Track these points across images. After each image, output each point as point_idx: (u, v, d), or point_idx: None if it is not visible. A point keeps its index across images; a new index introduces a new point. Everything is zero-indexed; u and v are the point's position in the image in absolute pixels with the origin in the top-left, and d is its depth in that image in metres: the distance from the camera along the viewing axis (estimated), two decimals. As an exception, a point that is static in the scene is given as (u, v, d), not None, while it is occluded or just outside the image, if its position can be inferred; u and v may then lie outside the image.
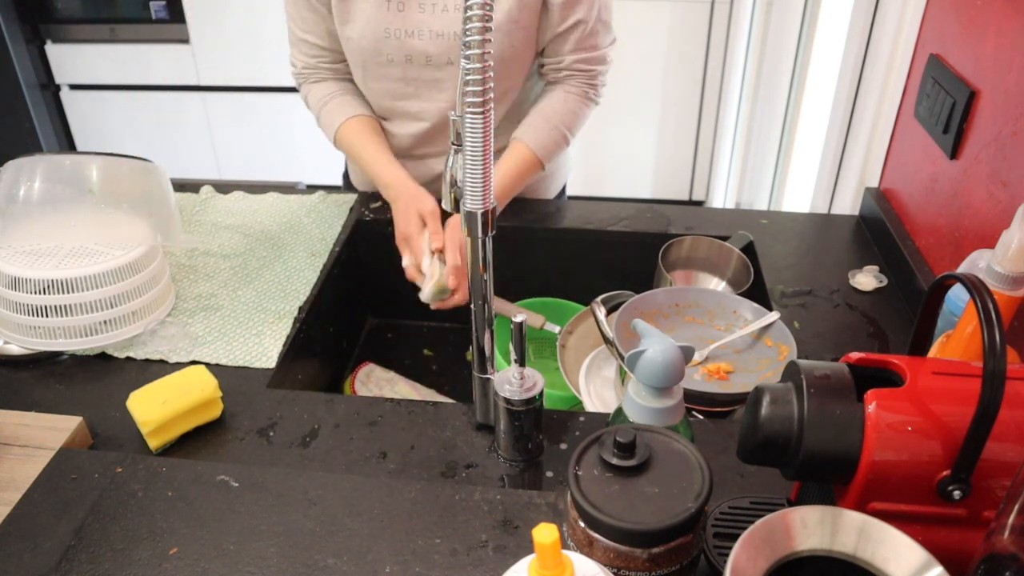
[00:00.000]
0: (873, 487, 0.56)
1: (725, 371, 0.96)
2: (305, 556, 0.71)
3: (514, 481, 0.83)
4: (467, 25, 0.65)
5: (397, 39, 1.15)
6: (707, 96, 2.84)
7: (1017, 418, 0.54)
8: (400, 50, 1.16)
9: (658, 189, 3.07)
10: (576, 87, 1.24)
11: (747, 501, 0.73)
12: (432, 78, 1.19)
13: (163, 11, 2.79)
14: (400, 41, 1.15)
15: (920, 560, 0.50)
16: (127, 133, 3.07)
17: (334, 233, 1.28)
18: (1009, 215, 0.79)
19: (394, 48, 1.16)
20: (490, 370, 0.85)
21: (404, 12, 1.14)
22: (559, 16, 1.16)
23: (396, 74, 1.20)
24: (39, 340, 0.99)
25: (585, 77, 1.23)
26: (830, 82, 1.56)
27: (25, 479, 0.79)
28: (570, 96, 1.24)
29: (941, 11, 1.10)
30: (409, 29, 1.14)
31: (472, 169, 0.70)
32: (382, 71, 1.20)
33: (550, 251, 1.32)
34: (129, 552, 0.72)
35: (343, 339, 1.31)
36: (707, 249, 1.23)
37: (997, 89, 0.94)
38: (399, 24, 1.14)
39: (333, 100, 1.26)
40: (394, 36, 1.15)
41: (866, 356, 0.61)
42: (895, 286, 1.14)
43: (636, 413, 0.66)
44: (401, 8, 1.13)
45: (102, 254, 1.00)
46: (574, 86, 1.24)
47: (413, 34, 1.14)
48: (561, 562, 0.48)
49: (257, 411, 0.92)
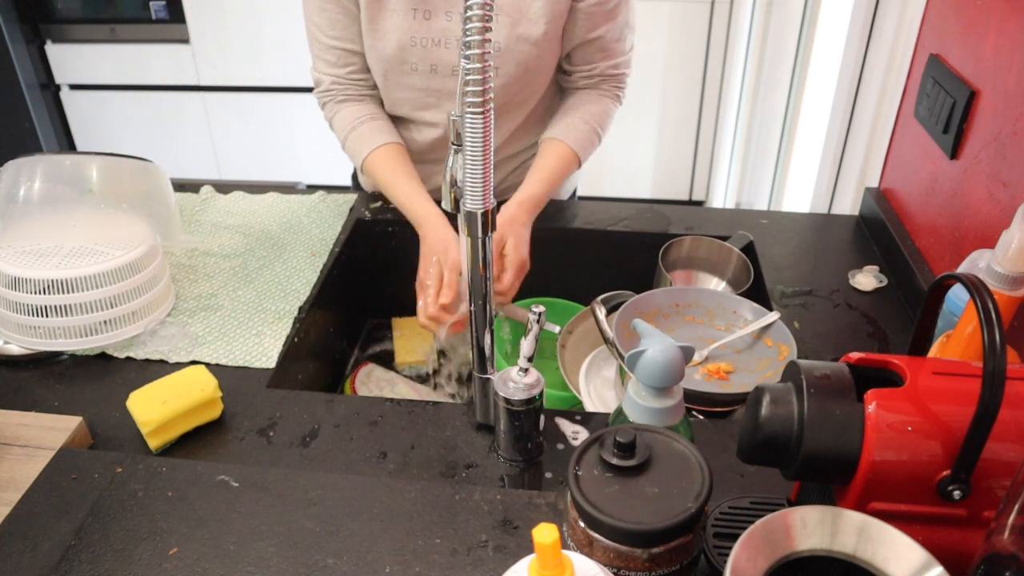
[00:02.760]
0: (873, 487, 0.56)
1: (725, 371, 0.96)
2: (305, 556, 0.71)
3: (514, 481, 0.83)
4: (467, 25, 0.65)
5: (423, 47, 1.14)
6: (707, 96, 2.84)
7: (1017, 418, 0.54)
8: (425, 59, 1.15)
9: (658, 189, 3.07)
10: (608, 91, 1.25)
11: (747, 501, 0.73)
12: (455, 89, 1.19)
13: (163, 11, 2.79)
14: (426, 50, 1.15)
15: (920, 560, 0.50)
16: (127, 133, 3.07)
17: (334, 233, 1.28)
18: (1009, 215, 0.79)
19: (419, 57, 1.15)
20: (490, 370, 0.85)
21: (431, 20, 1.13)
22: (588, 24, 1.15)
23: (418, 84, 1.19)
24: (39, 340, 0.99)
25: (615, 81, 1.25)
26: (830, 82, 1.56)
27: (25, 479, 0.79)
28: (603, 98, 1.25)
29: (941, 11, 1.10)
30: (435, 38, 1.13)
31: (472, 169, 0.70)
32: (404, 80, 1.19)
33: (550, 251, 1.32)
34: (129, 552, 0.72)
35: (343, 339, 1.31)
36: (707, 249, 1.23)
37: (997, 89, 0.94)
38: (425, 32, 1.13)
39: (363, 125, 1.22)
40: (420, 44, 1.14)
41: (866, 356, 0.61)
42: (895, 286, 1.14)
43: (636, 413, 0.66)
44: (428, 17, 1.13)
45: (102, 254, 1.00)
46: (606, 90, 1.25)
47: (440, 43, 1.14)
48: (561, 562, 0.48)
49: (257, 411, 0.92)
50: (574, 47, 1.20)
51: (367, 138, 1.22)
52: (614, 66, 1.22)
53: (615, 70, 1.23)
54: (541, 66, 1.18)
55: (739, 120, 2.64)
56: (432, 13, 1.13)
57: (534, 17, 1.11)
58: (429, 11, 1.13)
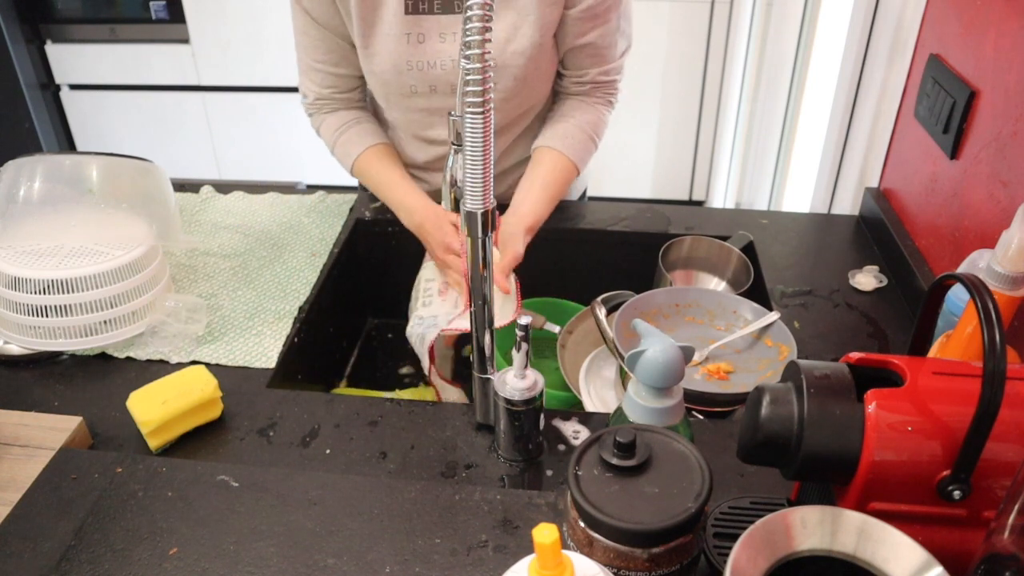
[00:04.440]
0: (873, 487, 0.56)
1: (725, 371, 0.96)
2: (305, 556, 0.71)
3: (514, 481, 0.83)
4: (467, 25, 0.65)
5: (419, 71, 1.14)
6: (707, 96, 2.84)
7: (1017, 418, 0.54)
8: (423, 81, 1.15)
9: (658, 189, 3.07)
10: (600, 97, 1.25)
11: (747, 501, 0.73)
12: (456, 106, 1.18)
13: (163, 11, 2.79)
14: (423, 72, 1.14)
15: (920, 560, 0.50)
16: (127, 133, 3.07)
17: (334, 233, 1.28)
18: (1009, 215, 0.79)
19: (417, 79, 1.15)
20: (490, 370, 0.85)
21: (424, 44, 1.12)
22: (578, 30, 1.15)
23: (419, 104, 1.18)
24: (39, 340, 0.99)
25: (607, 88, 1.24)
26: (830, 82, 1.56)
27: (25, 479, 0.79)
28: (596, 105, 1.24)
29: (941, 11, 1.10)
30: (431, 60, 1.13)
31: (472, 169, 0.70)
32: (406, 102, 1.19)
33: (550, 251, 1.32)
34: (129, 552, 0.72)
35: (343, 339, 1.31)
36: (707, 249, 1.23)
37: (997, 89, 0.94)
38: (419, 56, 1.13)
39: (349, 130, 1.24)
40: (416, 68, 1.14)
41: (866, 356, 0.61)
42: (895, 286, 1.14)
43: (636, 413, 0.66)
44: (421, 40, 1.12)
45: (102, 254, 1.00)
46: (598, 97, 1.25)
47: (435, 64, 1.13)
48: (561, 562, 0.48)
49: (257, 411, 0.92)
50: (564, 53, 1.19)
51: (354, 142, 1.23)
52: (604, 72, 1.21)
53: (605, 76, 1.22)
54: (539, 76, 1.18)
55: (739, 120, 2.64)
56: (425, 36, 1.12)
57: (528, 30, 1.11)
58: (422, 34, 1.12)
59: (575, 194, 1.45)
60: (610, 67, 1.22)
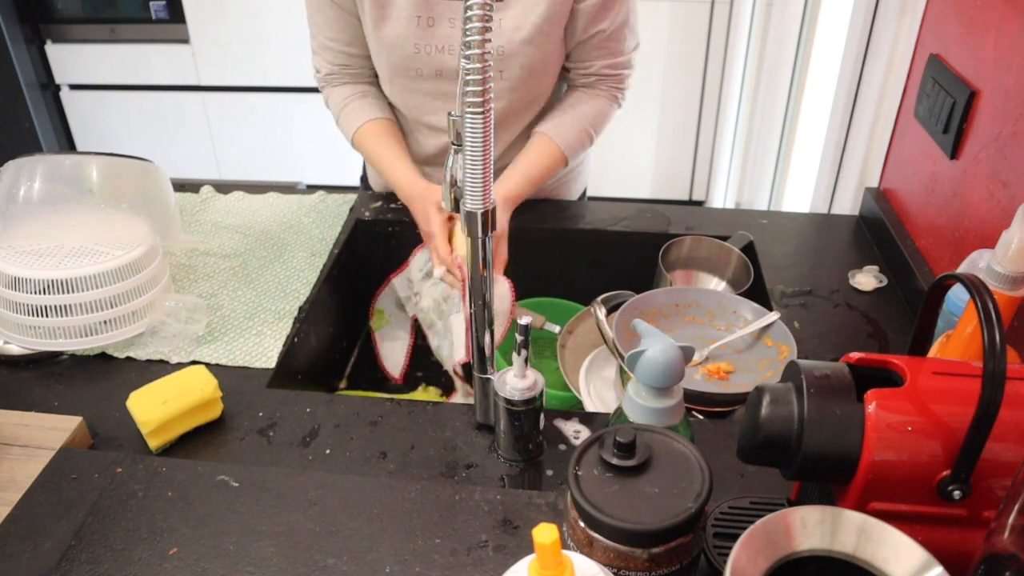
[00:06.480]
0: (873, 487, 0.56)
1: (725, 371, 0.96)
2: (305, 556, 0.71)
3: (514, 481, 0.83)
4: (467, 25, 0.65)
5: (427, 54, 1.15)
6: (707, 96, 2.84)
7: (1017, 418, 0.54)
8: (431, 65, 1.16)
9: (658, 189, 3.07)
10: (605, 91, 1.25)
11: (747, 501, 0.73)
12: None
13: (163, 11, 2.79)
14: (431, 56, 1.15)
15: (920, 560, 0.50)
16: (127, 133, 3.07)
17: (334, 233, 1.28)
18: (1009, 215, 0.79)
19: (424, 63, 1.16)
20: (490, 370, 0.85)
21: (434, 28, 1.13)
22: (586, 23, 1.15)
23: (426, 88, 1.19)
24: (39, 340, 0.99)
25: (613, 81, 1.24)
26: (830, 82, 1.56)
27: (25, 479, 0.79)
28: (598, 98, 1.25)
29: (941, 11, 1.10)
30: (440, 44, 1.14)
31: (472, 169, 0.70)
32: (412, 85, 1.20)
33: (550, 251, 1.32)
34: (129, 552, 0.72)
35: (343, 339, 1.31)
36: (707, 249, 1.23)
37: (997, 89, 0.94)
38: (429, 39, 1.14)
39: (354, 102, 1.25)
40: (424, 52, 1.15)
41: (866, 356, 0.61)
42: (895, 286, 1.14)
43: (636, 413, 0.66)
44: (431, 24, 1.13)
45: (102, 254, 1.00)
46: (603, 90, 1.25)
47: (444, 49, 1.14)
48: (561, 562, 0.48)
49: (257, 411, 0.92)
50: (573, 46, 1.20)
51: (357, 114, 1.25)
52: (612, 66, 1.22)
53: (612, 70, 1.22)
54: (545, 68, 1.18)
55: (739, 120, 2.64)
56: (436, 20, 1.13)
57: (537, 19, 1.12)
58: (432, 18, 1.13)
59: (575, 194, 1.45)
60: (617, 61, 1.22)
